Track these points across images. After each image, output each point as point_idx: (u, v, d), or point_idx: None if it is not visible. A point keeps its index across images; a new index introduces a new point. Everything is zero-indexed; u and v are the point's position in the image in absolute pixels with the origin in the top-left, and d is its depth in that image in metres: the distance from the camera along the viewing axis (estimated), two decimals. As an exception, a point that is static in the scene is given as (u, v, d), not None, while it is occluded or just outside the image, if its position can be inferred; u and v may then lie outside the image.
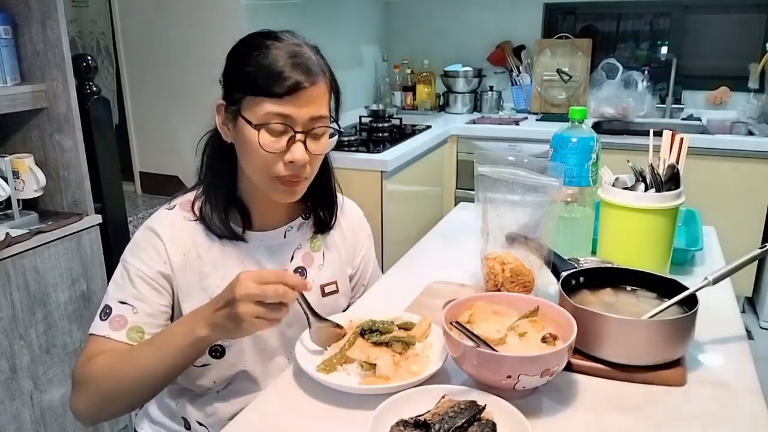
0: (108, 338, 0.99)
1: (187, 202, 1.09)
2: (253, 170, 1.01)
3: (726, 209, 2.74)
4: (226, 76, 1.02)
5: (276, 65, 0.94)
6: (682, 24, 3.42)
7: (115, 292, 1.03)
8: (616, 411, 0.85)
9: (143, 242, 1.04)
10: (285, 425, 0.85)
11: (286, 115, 0.95)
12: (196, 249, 1.05)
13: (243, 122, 0.97)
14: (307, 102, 0.95)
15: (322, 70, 0.99)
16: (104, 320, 1.01)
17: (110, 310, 1.01)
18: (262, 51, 0.96)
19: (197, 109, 2.65)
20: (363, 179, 2.54)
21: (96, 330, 1.01)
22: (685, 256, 1.31)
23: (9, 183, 1.71)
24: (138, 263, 1.03)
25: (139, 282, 1.02)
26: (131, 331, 1.00)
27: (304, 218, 1.16)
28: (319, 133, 0.99)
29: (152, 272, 1.02)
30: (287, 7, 2.76)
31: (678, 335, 0.90)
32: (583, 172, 1.28)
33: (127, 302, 1.01)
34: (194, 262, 1.05)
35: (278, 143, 0.96)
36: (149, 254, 1.03)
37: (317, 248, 1.17)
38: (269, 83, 0.94)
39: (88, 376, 0.96)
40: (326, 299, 1.15)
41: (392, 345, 0.95)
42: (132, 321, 1.00)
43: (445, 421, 0.75)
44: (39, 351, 1.72)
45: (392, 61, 3.80)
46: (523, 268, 1.06)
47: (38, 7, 1.72)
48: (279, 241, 1.12)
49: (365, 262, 1.27)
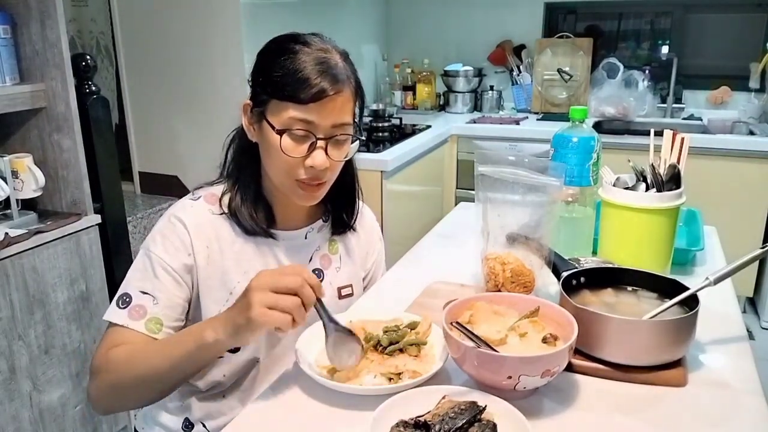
0: (127, 328, 0.98)
1: (212, 195, 1.09)
2: (275, 172, 1.02)
3: (727, 209, 2.74)
4: (254, 78, 1.02)
5: (303, 71, 0.94)
6: (683, 23, 3.41)
7: (136, 280, 1.02)
8: (617, 411, 0.85)
9: (168, 231, 1.04)
10: (285, 425, 0.85)
11: (308, 121, 0.96)
12: (219, 243, 1.06)
13: (266, 125, 0.98)
14: (331, 109, 0.96)
15: (348, 78, 0.99)
16: (123, 308, 1.00)
17: (130, 298, 1.00)
18: (289, 56, 0.96)
19: (197, 109, 2.65)
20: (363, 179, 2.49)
21: (114, 318, 1.00)
22: (686, 256, 1.31)
23: (8, 183, 1.71)
24: (162, 253, 1.02)
25: (161, 272, 1.01)
26: (150, 322, 0.99)
27: (324, 220, 1.17)
28: (341, 140, 1.00)
29: (176, 263, 1.02)
30: (287, 7, 2.76)
31: (679, 335, 0.89)
32: (584, 172, 1.27)
33: (149, 292, 1.00)
34: (216, 255, 1.05)
35: (299, 148, 0.97)
36: (174, 244, 1.02)
37: (335, 251, 1.18)
38: (295, 89, 0.94)
39: (104, 366, 0.96)
40: (342, 302, 1.17)
41: (406, 349, 0.94)
42: (152, 312, 0.99)
43: (446, 422, 0.74)
44: (38, 351, 1.72)
45: (392, 60, 3.79)
46: (524, 269, 1.06)
47: (37, 6, 1.72)
48: (300, 242, 1.13)
49: (376, 266, 1.29)
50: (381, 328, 1.00)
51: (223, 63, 2.52)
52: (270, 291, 0.82)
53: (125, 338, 0.98)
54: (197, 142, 2.68)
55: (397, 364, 0.91)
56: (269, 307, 0.82)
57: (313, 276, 0.86)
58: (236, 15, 2.47)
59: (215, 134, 1.13)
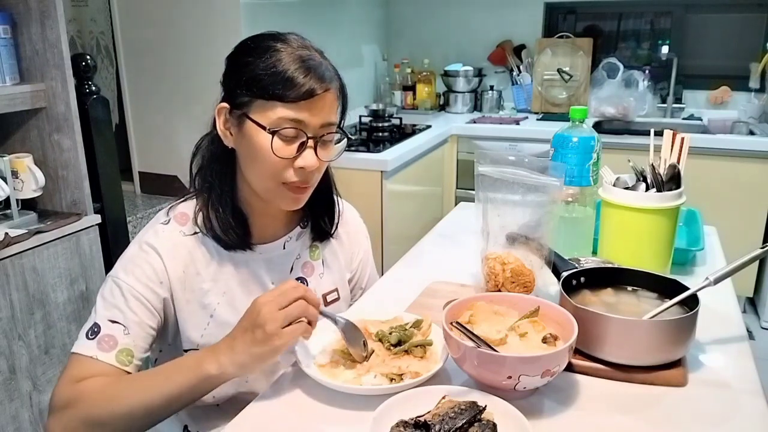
0: (95, 359, 0.93)
1: (182, 215, 1.04)
2: (260, 176, 0.97)
3: (727, 209, 2.74)
4: (228, 79, 0.98)
5: (289, 69, 0.91)
6: (683, 23, 3.41)
7: (104, 309, 0.97)
8: (617, 411, 0.85)
9: (139, 259, 0.99)
10: (285, 425, 0.85)
11: (299, 120, 0.93)
12: (195, 265, 1.02)
13: (252, 126, 0.94)
14: (321, 108, 0.94)
15: (333, 76, 0.97)
16: (91, 339, 0.94)
17: (98, 328, 0.95)
18: (271, 53, 0.93)
19: (196, 108, 2.64)
20: (363, 179, 2.54)
21: (82, 350, 0.94)
22: (686, 256, 1.31)
23: (8, 183, 1.71)
24: (132, 281, 0.97)
25: (132, 301, 0.97)
26: (121, 354, 0.94)
27: (303, 227, 1.14)
28: (328, 140, 0.98)
29: (147, 292, 0.98)
30: (287, 7, 2.76)
31: (679, 335, 0.89)
32: (584, 172, 1.27)
33: (118, 321, 0.95)
34: (193, 278, 1.02)
35: (289, 148, 0.94)
36: (145, 272, 0.98)
37: (317, 257, 1.15)
38: (284, 87, 0.91)
39: (74, 399, 0.90)
40: (329, 308, 1.14)
41: (411, 351, 0.94)
42: (123, 342, 0.95)
43: (446, 422, 0.74)
44: (38, 351, 1.72)
45: (392, 60, 3.79)
46: (524, 268, 1.06)
47: (37, 6, 1.72)
48: (278, 253, 1.10)
49: (363, 265, 1.26)
50: (383, 327, 1.00)
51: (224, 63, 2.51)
52: (277, 312, 0.83)
53: (92, 371, 0.93)
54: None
55: (401, 365, 0.91)
56: (285, 326, 0.83)
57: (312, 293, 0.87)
58: (236, 15, 2.47)
59: (215, 134, 1.13)
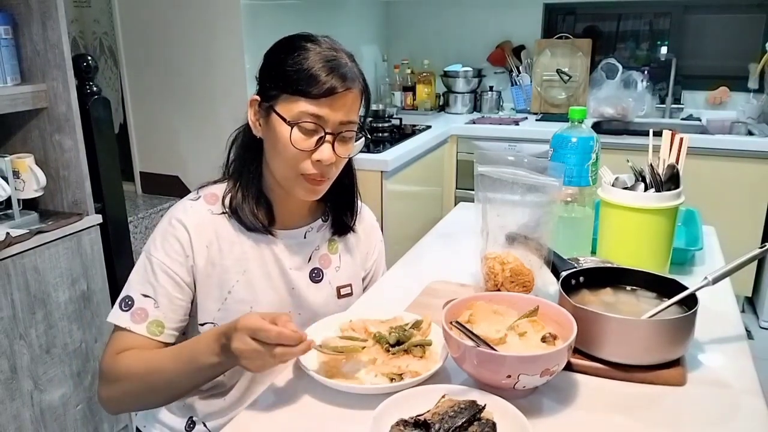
0: (129, 331, 1.02)
1: (212, 195, 1.10)
2: (281, 165, 1.04)
3: (726, 209, 2.74)
4: (263, 73, 1.05)
5: (315, 67, 0.98)
6: (682, 24, 3.42)
7: (137, 283, 1.04)
8: (616, 411, 0.85)
9: (168, 234, 1.06)
10: (285, 425, 0.85)
11: (319, 116, 0.98)
12: (219, 243, 1.07)
13: (276, 119, 1.00)
14: (340, 106, 0.99)
15: (357, 78, 1.02)
16: (125, 311, 1.03)
17: (132, 301, 1.03)
18: (301, 52, 0.99)
19: (198, 109, 2.66)
20: (363, 179, 2.50)
21: (117, 320, 1.03)
22: (685, 255, 1.31)
23: (9, 183, 1.71)
24: (162, 256, 1.04)
25: (162, 275, 1.03)
26: (151, 325, 1.02)
27: (324, 220, 1.19)
28: (346, 137, 1.03)
29: (176, 266, 1.04)
30: (287, 7, 2.76)
31: (678, 335, 0.90)
32: (583, 172, 1.28)
33: (150, 296, 1.03)
34: (215, 255, 1.07)
35: (308, 141, 1.00)
36: (173, 247, 1.04)
37: (335, 250, 1.20)
38: (307, 84, 0.97)
39: (116, 375, 1.00)
40: (341, 301, 1.18)
41: (411, 350, 0.95)
42: (153, 315, 1.02)
43: (445, 421, 0.75)
44: (39, 351, 1.72)
45: (392, 61, 3.79)
46: (523, 268, 1.07)
47: (38, 7, 1.72)
48: (299, 241, 1.15)
49: (377, 266, 1.30)
50: (382, 327, 1.00)
51: (224, 63, 2.52)
52: (249, 338, 0.83)
53: (130, 342, 1.02)
54: (198, 142, 2.68)
55: (401, 365, 0.92)
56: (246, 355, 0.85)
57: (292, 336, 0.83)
58: (237, 16, 2.47)
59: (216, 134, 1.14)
